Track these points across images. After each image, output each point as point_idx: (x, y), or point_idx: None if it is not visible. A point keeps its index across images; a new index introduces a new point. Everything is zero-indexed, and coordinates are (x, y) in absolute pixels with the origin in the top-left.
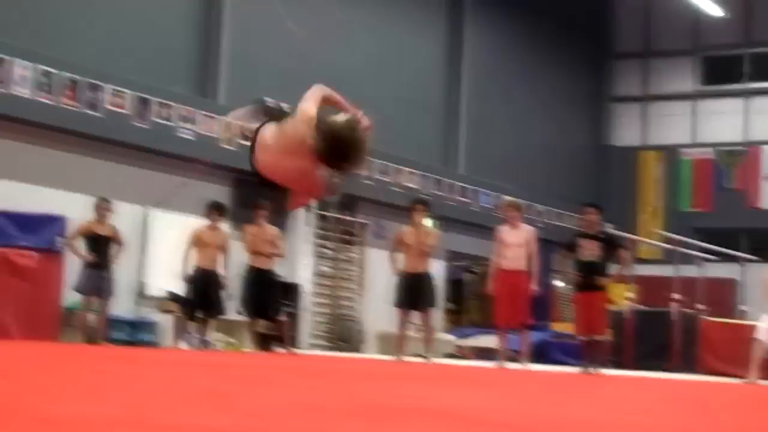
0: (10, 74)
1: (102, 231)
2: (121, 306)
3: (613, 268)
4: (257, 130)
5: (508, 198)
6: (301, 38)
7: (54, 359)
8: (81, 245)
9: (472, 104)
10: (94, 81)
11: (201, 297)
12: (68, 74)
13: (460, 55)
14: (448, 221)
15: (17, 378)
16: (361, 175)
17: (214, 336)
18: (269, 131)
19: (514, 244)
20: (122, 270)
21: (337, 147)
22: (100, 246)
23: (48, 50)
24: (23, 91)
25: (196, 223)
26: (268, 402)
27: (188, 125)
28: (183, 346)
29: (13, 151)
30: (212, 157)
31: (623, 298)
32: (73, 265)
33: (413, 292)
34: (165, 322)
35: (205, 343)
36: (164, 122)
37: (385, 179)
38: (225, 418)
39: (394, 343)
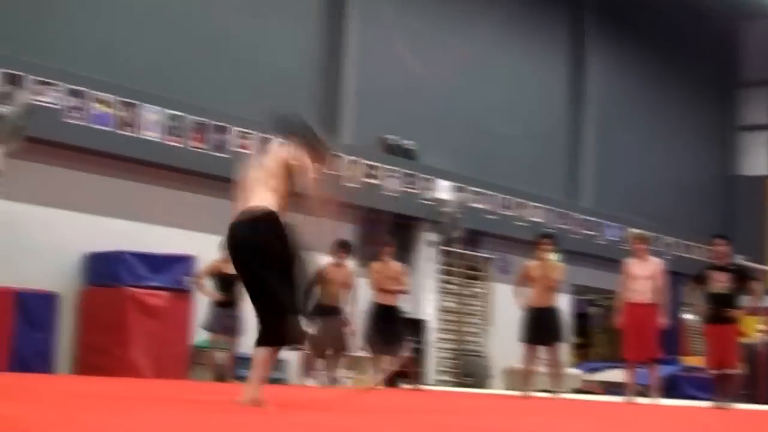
0: (140, 119)
1: (229, 270)
2: (249, 344)
3: (745, 300)
4: None
5: (634, 230)
6: (423, 76)
7: (185, 397)
8: (209, 284)
9: (596, 136)
10: (220, 123)
11: (329, 333)
12: (195, 117)
13: (583, 86)
14: (573, 254)
15: (152, 414)
16: (484, 209)
17: (341, 373)
18: None
19: (642, 277)
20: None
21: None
22: (228, 285)
23: (176, 95)
24: (153, 135)
25: (322, 260)
26: None
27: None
28: (311, 383)
29: (144, 193)
30: (336, 195)
31: (755, 330)
32: (202, 304)
33: (540, 327)
34: (293, 359)
35: (333, 380)
36: None
37: (509, 213)
38: None
39: (521, 379)
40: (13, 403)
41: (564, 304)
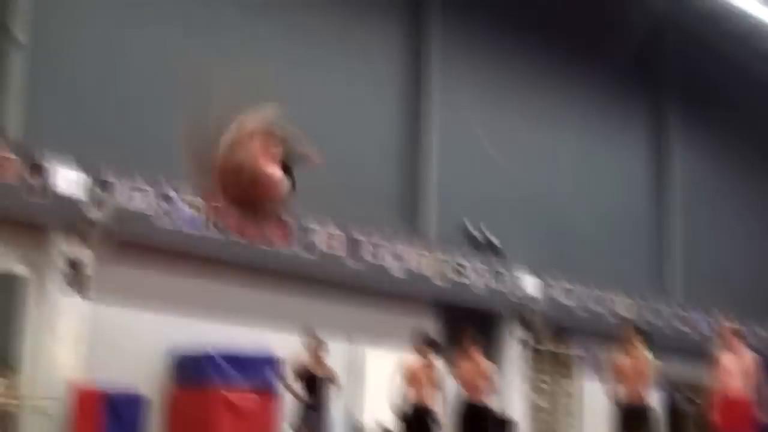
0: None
1: (318, 371)
2: None
3: None
4: None
5: (727, 323)
6: (504, 165)
7: None
8: (297, 386)
9: (682, 223)
10: (306, 224)
11: (416, 429)
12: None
13: (668, 174)
14: (665, 348)
15: None
16: (572, 306)
17: None
18: None
19: (737, 372)
20: (338, 408)
21: None
22: (316, 386)
23: None
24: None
25: (409, 359)
26: None
27: (399, 262)
28: None
29: (231, 293)
30: (423, 292)
31: None
32: (289, 404)
33: (632, 424)
34: None
35: None
36: (376, 261)
37: (597, 308)
38: None
39: None
40: None
41: (656, 399)
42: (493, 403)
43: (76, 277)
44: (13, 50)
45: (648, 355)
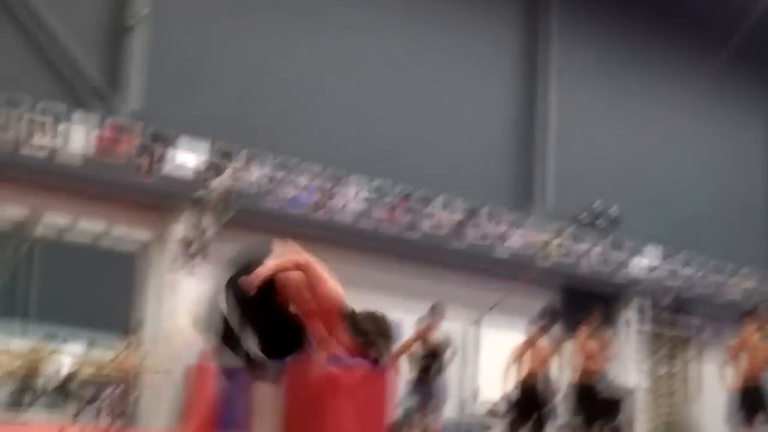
0: (344, 192)
1: (433, 341)
2: (454, 413)
3: None
4: None
5: None
6: (624, 143)
7: None
8: (409, 358)
9: None
10: (425, 196)
11: (528, 409)
12: (399, 190)
13: None
14: None
15: None
16: (692, 280)
17: None
18: None
19: None
20: (451, 382)
21: None
22: (431, 360)
23: (379, 171)
24: (357, 207)
25: (525, 332)
26: None
27: (517, 235)
28: None
29: (343, 269)
30: (537, 269)
31: None
32: (404, 376)
33: (750, 406)
34: (496, 430)
35: None
36: (491, 233)
37: (717, 281)
38: None
39: None
40: None
41: None
42: (608, 381)
43: (194, 248)
44: (135, 24)
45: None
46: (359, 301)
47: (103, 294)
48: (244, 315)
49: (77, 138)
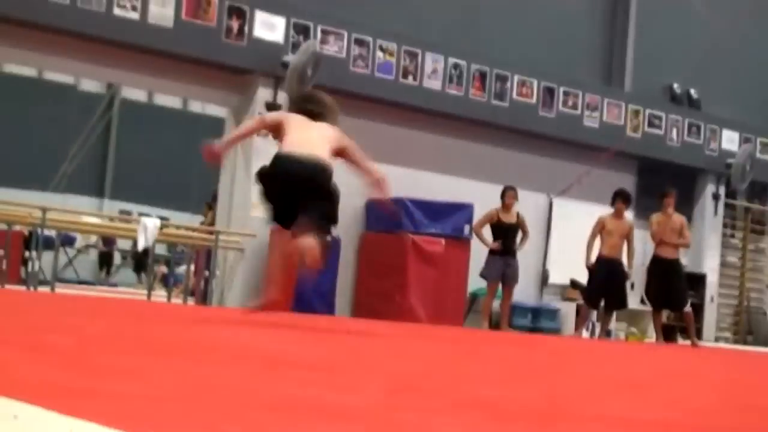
0: (422, 68)
1: (508, 219)
2: (524, 293)
3: None
4: None
5: None
6: (710, 22)
7: (463, 343)
8: (487, 233)
9: None
10: (501, 72)
11: (604, 286)
12: (476, 66)
13: None
14: None
15: (433, 360)
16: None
17: (616, 325)
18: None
19: None
20: (526, 257)
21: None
22: (506, 234)
23: (457, 44)
24: (435, 84)
25: (600, 211)
26: (687, 395)
27: (594, 113)
28: (584, 334)
29: (423, 141)
30: (617, 145)
31: None
32: (479, 252)
33: None
34: (567, 309)
35: (607, 333)
36: (570, 111)
37: None
38: (648, 411)
39: None
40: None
41: None
42: (684, 257)
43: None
44: None
45: None
46: (446, 167)
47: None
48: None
49: (158, 6)
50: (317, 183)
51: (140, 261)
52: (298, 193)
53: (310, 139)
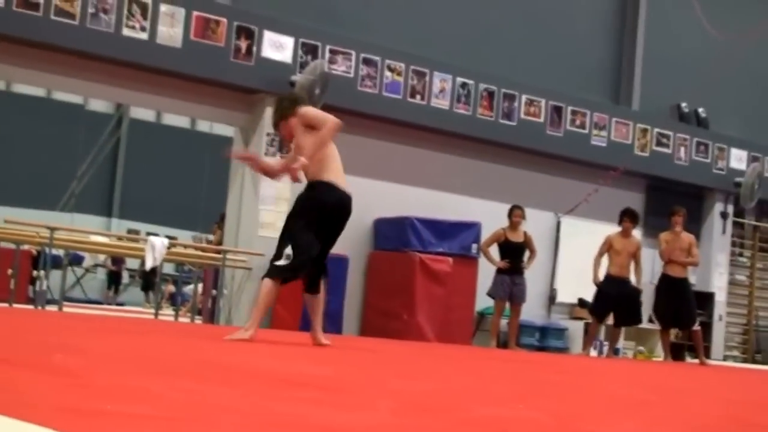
0: (430, 87)
1: (515, 238)
2: (532, 312)
3: None
4: None
5: None
6: (718, 41)
7: (470, 362)
8: (495, 252)
9: None
10: (509, 91)
11: (614, 302)
12: (484, 85)
13: None
14: None
15: (440, 379)
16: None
17: (623, 344)
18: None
19: None
20: (534, 276)
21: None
22: (514, 252)
23: (465, 63)
24: (442, 103)
25: (608, 230)
26: (694, 413)
27: (602, 132)
28: (592, 353)
29: (431, 160)
30: (625, 163)
31: None
32: (487, 271)
33: None
34: (575, 328)
35: (615, 351)
36: (577, 130)
37: None
38: (654, 428)
39: None
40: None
41: None
42: (693, 276)
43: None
44: None
45: None
46: (454, 185)
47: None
48: None
49: (167, 26)
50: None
51: (148, 280)
52: (337, 230)
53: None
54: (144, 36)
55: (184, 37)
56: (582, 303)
